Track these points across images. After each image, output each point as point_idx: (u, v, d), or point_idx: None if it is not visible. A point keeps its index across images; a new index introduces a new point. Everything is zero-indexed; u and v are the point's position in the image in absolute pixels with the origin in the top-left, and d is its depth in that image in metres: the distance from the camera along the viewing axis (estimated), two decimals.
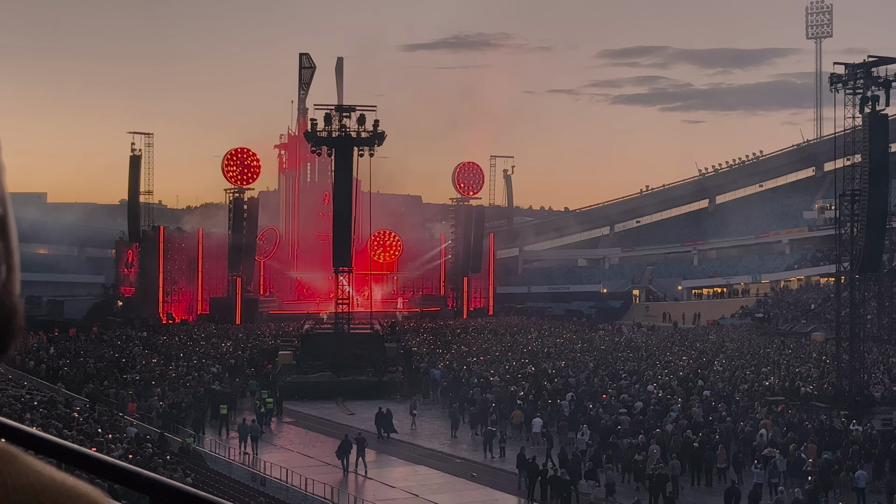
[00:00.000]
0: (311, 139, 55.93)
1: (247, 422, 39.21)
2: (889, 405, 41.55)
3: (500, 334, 69.70)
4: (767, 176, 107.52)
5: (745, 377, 49.03)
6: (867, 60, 41.49)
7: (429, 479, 33.85)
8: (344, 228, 54.10)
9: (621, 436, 35.46)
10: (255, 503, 28.35)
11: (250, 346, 59.74)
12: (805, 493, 28.21)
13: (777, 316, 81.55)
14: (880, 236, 42.98)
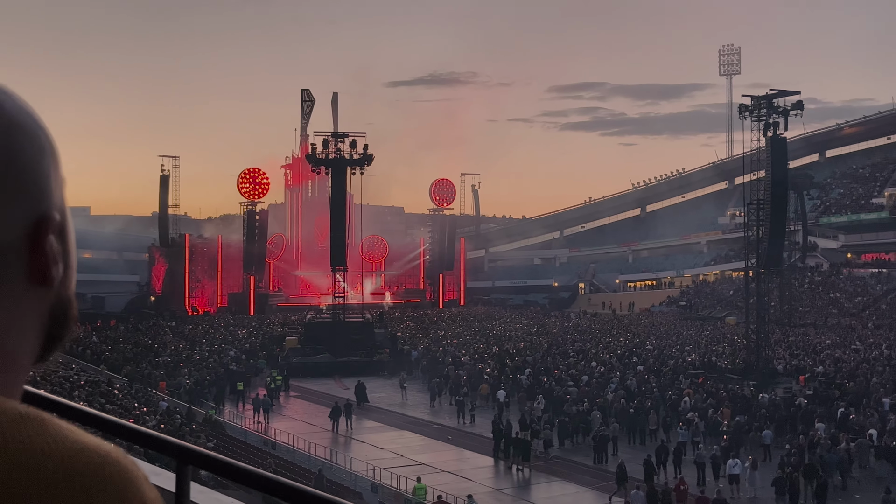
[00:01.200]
0: (311, 161, 55.91)
1: (259, 396, 39.23)
2: (789, 376, 41.92)
3: (470, 321, 69.86)
4: (689, 189, 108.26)
5: (671, 354, 49.35)
6: (769, 93, 41.88)
7: (412, 442, 33.87)
8: (339, 234, 54.10)
9: (570, 404, 35.59)
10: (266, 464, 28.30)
11: (262, 333, 59.62)
12: (721, 450, 28.37)
13: (697, 304, 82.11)
14: (781, 238, 43.46)
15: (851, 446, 28.43)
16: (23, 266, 0.73)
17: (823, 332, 60.67)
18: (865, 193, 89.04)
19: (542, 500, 26.38)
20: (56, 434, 0.67)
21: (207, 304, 78.92)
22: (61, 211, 0.79)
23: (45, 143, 0.76)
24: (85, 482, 0.65)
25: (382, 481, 27.34)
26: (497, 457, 30.82)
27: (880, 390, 37.02)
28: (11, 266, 0.72)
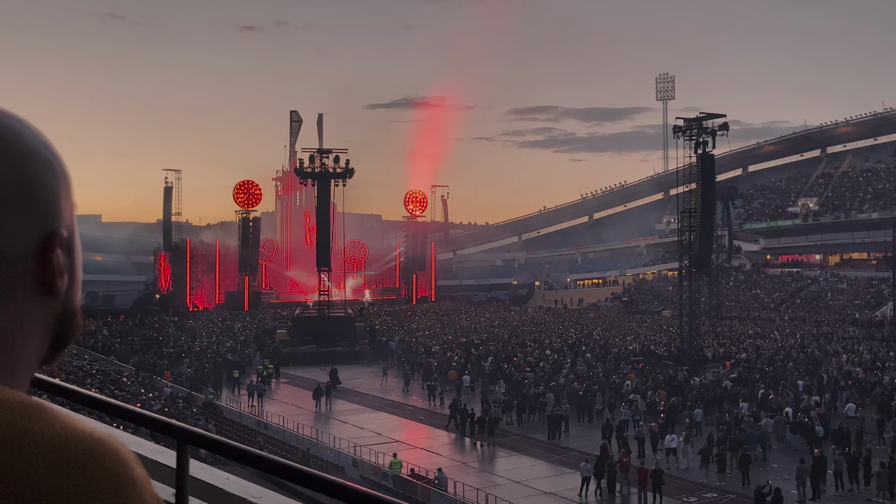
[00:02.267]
0: (299, 174, 55.61)
1: (253, 382, 38.85)
2: (717, 362, 42.17)
3: (440, 315, 69.77)
4: (630, 199, 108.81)
5: (615, 343, 49.60)
6: (699, 116, 42.01)
7: (389, 422, 33.78)
8: (324, 239, 53.86)
9: (528, 387, 35.68)
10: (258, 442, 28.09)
11: (255, 326, 59.10)
12: (659, 427, 28.60)
13: (637, 299, 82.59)
14: (709, 242, 43.79)
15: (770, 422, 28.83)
16: (32, 277, 0.73)
17: (746, 324, 61.31)
18: (782, 203, 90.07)
19: (503, 471, 26.42)
20: (53, 420, 0.67)
21: (206, 301, 78.16)
22: (69, 229, 0.79)
23: (58, 169, 0.77)
24: (79, 462, 0.65)
25: (362, 457, 27.27)
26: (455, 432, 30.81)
27: (795, 374, 37.54)
28: (21, 276, 0.72)
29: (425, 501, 23.24)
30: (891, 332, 51.32)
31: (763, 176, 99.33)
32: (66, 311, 0.78)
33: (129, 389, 30.66)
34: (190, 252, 78.38)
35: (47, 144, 0.77)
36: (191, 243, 79.56)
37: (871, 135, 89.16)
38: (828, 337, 51.29)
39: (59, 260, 0.75)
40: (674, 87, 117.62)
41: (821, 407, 30.82)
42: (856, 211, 79.41)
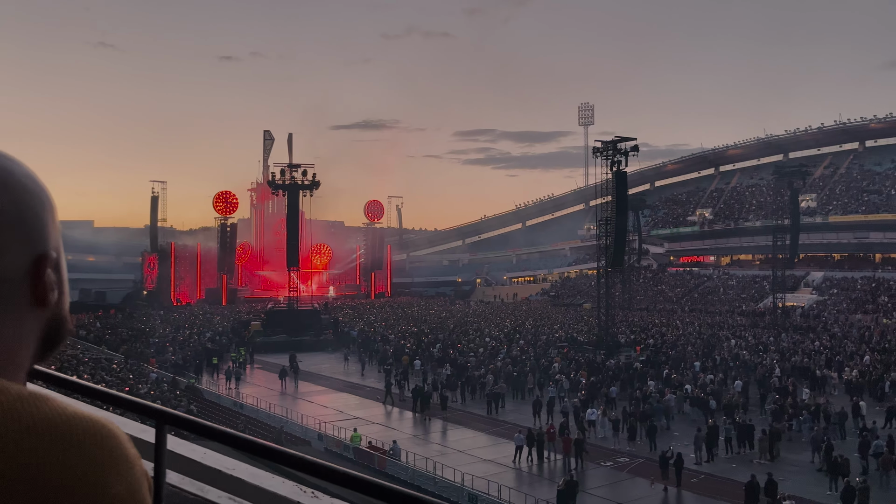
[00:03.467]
0: (271, 185, 54.79)
1: (230, 368, 38.12)
2: (629, 347, 42.52)
3: (395, 308, 69.50)
4: (556, 209, 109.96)
5: (544, 331, 50.03)
6: (614, 139, 42.29)
7: (350, 401, 33.48)
8: (293, 242, 53.09)
9: (470, 370, 35.76)
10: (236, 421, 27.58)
11: (232, 319, 57.97)
12: (581, 402, 28.94)
13: (563, 294, 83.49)
14: (622, 245, 44.24)
15: (673, 397, 29.41)
16: (27, 293, 0.76)
17: (653, 315, 62.45)
18: (682, 213, 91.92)
19: (449, 442, 26.44)
20: (55, 405, 0.69)
21: (189, 297, 76.53)
22: (57, 250, 0.81)
23: (45, 199, 0.79)
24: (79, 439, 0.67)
25: (327, 432, 26.98)
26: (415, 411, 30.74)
27: (693, 356, 38.28)
28: (20, 293, 0.75)
29: (382, 469, 23.13)
30: (771, 321, 52.85)
31: (667, 190, 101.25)
32: (57, 319, 0.81)
33: (119, 375, 29.79)
34: (174, 254, 76.76)
35: (34, 178, 0.79)
36: (175, 246, 77.92)
37: (756, 156, 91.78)
38: (720, 325, 52.52)
39: (50, 277, 0.79)
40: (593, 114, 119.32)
41: (714, 384, 31.58)
42: (743, 220, 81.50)
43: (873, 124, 78.42)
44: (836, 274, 66.23)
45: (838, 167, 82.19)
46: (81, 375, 24.92)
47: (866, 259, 69.42)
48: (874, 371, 33.23)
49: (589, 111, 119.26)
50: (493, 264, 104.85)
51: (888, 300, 57.28)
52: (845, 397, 29.54)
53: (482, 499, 19.83)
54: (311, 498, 1.94)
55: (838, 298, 60.62)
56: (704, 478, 21.70)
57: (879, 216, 68.98)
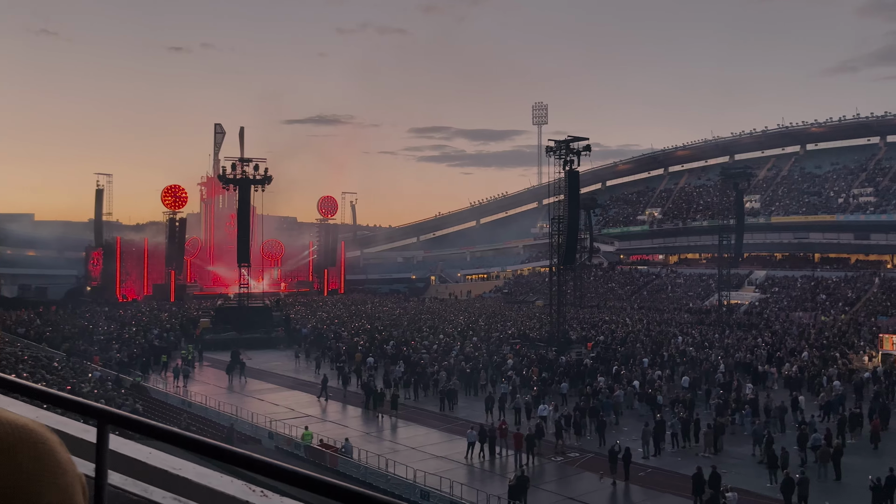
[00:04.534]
0: (222, 180, 53.62)
1: (179, 365, 37.30)
2: (580, 343, 43.22)
3: (348, 305, 69.02)
4: (510, 207, 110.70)
5: (497, 328, 50.40)
6: (567, 139, 42.60)
7: (301, 399, 33.13)
8: (244, 238, 52.14)
9: (424, 367, 35.76)
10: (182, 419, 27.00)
11: (181, 316, 56.71)
12: (532, 398, 29.23)
13: (516, 291, 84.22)
14: (574, 243, 44.60)
15: (622, 393, 29.96)
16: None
17: (603, 312, 63.50)
18: (633, 212, 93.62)
19: (401, 439, 26.41)
20: None
21: (136, 293, 74.54)
22: None
23: None
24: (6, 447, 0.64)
25: (277, 430, 26.63)
26: (367, 407, 30.58)
27: (641, 353, 39.07)
28: None
29: (333, 467, 22.95)
30: (716, 318, 54.33)
31: (618, 189, 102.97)
32: None
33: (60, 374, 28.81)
34: (120, 249, 74.67)
35: None
36: (121, 241, 75.83)
37: (703, 157, 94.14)
38: (668, 322, 53.72)
39: None
40: (547, 113, 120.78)
41: (662, 380, 32.33)
42: (690, 219, 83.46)
43: (814, 128, 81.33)
44: (777, 273, 68.50)
45: (781, 169, 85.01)
46: (20, 374, 24.02)
47: (806, 259, 71.98)
48: (812, 367, 34.49)
49: (543, 110, 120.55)
50: (447, 262, 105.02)
51: (826, 298, 59.54)
52: (785, 392, 30.61)
53: (434, 495, 19.87)
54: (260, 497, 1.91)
55: (779, 296, 62.71)
56: (651, 471, 22.20)
57: (818, 217, 71.62)
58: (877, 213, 68.18)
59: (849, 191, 73.42)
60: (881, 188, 71.53)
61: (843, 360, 36.31)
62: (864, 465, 21.34)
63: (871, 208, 69.26)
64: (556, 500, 19.98)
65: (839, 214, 70.37)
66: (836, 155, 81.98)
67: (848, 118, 77.71)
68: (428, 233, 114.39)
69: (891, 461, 20.56)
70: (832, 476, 21.04)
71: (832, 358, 36.58)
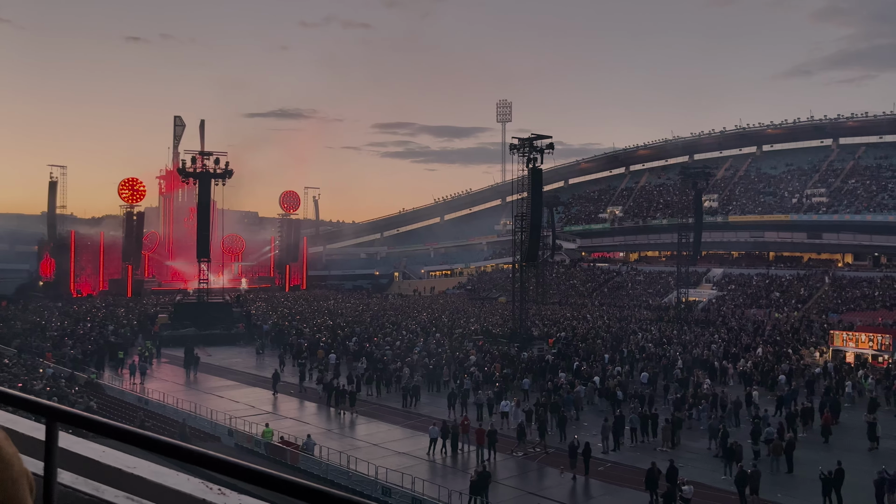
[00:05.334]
0: (181, 173, 52.58)
1: (136, 362, 36.51)
2: (542, 340, 43.50)
3: (310, 301, 68.42)
4: (474, 204, 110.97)
5: (460, 324, 50.54)
6: (531, 137, 42.75)
7: (262, 396, 32.75)
8: (204, 233, 51.24)
9: (386, 363, 35.66)
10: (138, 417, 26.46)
11: (138, 311, 55.54)
12: (494, 393, 29.38)
13: (479, 288, 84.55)
14: (537, 241, 44.88)
15: (583, 389, 30.31)
16: None
17: (565, 308, 64.20)
18: (594, 210, 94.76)
19: (363, 436, 26.31)
20: None
21: (91, 289, 72.70)
22: None
23: None
24: None
25: (237, 427, 26.29)
26: (328, 405, 30.36)
27: (602, 349, 39.62)
28: None
29: (294, 464, 22.76)
30: (675, 315, 55.34)
31: (580, 188, 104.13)
32: None
33: (11, 371, 28.00)
34: (74, 243, 72.68)
35: None
36: (75, 235, 73.82)
37: (663, 157, 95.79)
38: (628, 319, 54.51)
39: None
40: (511, 111, 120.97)
41: (622, 376, 32.80)
42: (650, 218, 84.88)
43: (770, 130, 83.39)
44: (734, 271, 70.10)
45: (738, 169, 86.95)
46: None
47: (761, 257, 73.82)
48: (766, 363, 35.40)
49: (507, 108, 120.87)
50: (411, 258, 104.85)
51: (780, 296, 61.16)
52: (740, 387, 31.37)
53: (396, 492, 19.85)
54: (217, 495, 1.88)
55: (735, 294, 64.19)
56: (611, 466, 22.53)
57: (773, 217, 73.50)
58: (829, 213, 70.27)
59: (802, 191, 75.49)
60: (833, 189, 73.73)
61: (796, 356, 37.36)
62: (814, 458, 22.01)
63: (824, 208, 71.34)
64: (517, 495, 20.15)
65: (793, 214, 72.32)
66: (791, 156, 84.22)
67: (802, 120, 79.96)
68: (392, 229, 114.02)
69: (840, 454, 21.27)
70: (784, 469, 21.64)
71: (785, 354, 37.59)
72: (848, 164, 77.37)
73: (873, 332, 38.10)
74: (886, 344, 36.16)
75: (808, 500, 19.08)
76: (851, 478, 19.06)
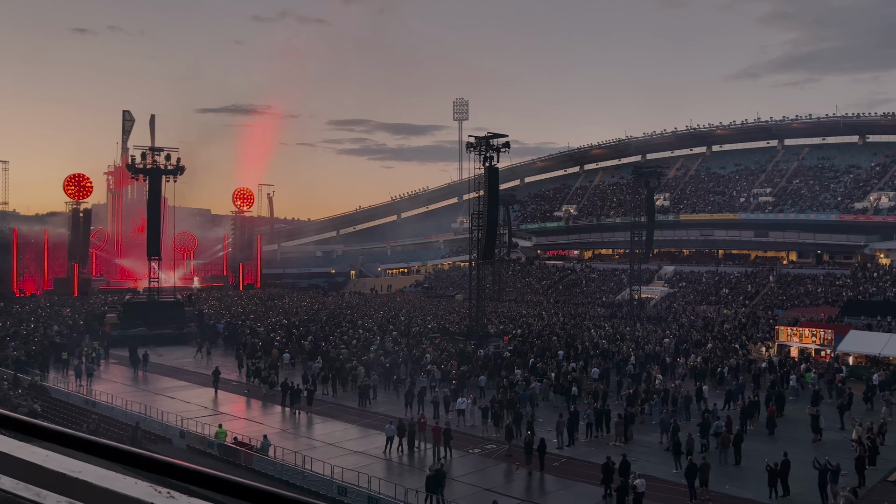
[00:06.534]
0: (131, 170, 51.14)
1: (82, 364, 35.44)
2: (498, 337, 43.72)
3: (265, 300, 67.53)
4: (431, 202, 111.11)
5: (417, 322, 50.52)
6: (487, 136, 42.92)
7: (217, 397, 32.18)
8: (155, 230, 49.98)
9: (343, 363, 35.37)
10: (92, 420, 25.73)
11: (85, 311, 53.92)
12: (451, 391, 29.44)
13: (436, 286, 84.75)
14: (493, 238, 45.05)
15: (539, 385, 30.61)
16: None
17: (521, 305, 64.80)
18: (550, 208, 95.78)
19: (319, 435, 26.07)
20: None
21: (35, 288, 70.32)
22: None
23: None
24: None
25: (190, 429, 25.76)
26: (284, 405, 30.00)
27: (557, 345, 40.07)
28: None
29: (248, 465, 22.43)
30: (628, 312, 56.38)
31: (536, 186, 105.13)
32: None
33: None
34: (17, 240, 70.12)
35: None
36: (17, 232, 71.22)
37: (616, 156, 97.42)
38: (582, 316, 55.35)
39: None
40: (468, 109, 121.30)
41: (576, 372, 33.25)
42: (604, 216, 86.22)
43: (719, 130, 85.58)
44: (684, 268, 71.78)
45: (689, 169, 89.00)
46: None
47: (711, 255, 75.74)
48: (715, 358, 36.34)
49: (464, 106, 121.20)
50: (367, 256, 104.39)
51: (728, 292, 62.87)
52: (691, 382, 32.12)
53: (352, 491, 19.74)
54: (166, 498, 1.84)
55: (686, 291, 65.75)
56: (566, 461, 22.82)
57: (722, 216, 75.49)
58: (774, 212, 72.51)
59: (750, 191, 77.73)
60: (779, 189, 76.11)
61: (743, 351, 38.46)
62: (761, 449, 22.70)
63: (770, 207, 73.58)
64: (473, 491, 20.25)
65: (741, 213, 74.43)
66: (740, 156, 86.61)
67: (750, 122, 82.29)
68: (348, 227, 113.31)
69: (785, 446, 21.97)
70: (732, 461, 22.26)
71: (733, 349, 38.65)
72: (793, 164, 79.97)
73: (816, 328, 39.46)
74: (829, 339, 37.47)
75: (755, 490, 19.68)
76: (796, 469, 19.71)
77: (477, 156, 42.80)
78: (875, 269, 59.97)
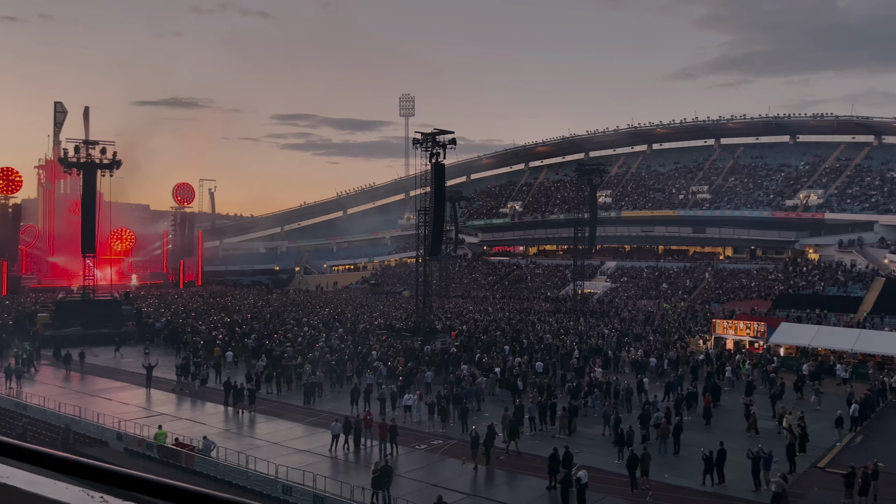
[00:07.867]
0: (63, 163, 49.24)
1: (11, 365, 33.94)
2: (445, 333, 44.08)
3: (206, 298, 65.99)
4: (377, 198, 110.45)
5: (363, 319, 50.21)
6: (433, 132, 42.88)
7: (155, 397, 31.29)
8: (90, 226, 48.21)
9: (287, 360, 34.89)
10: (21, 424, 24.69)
11: (14, 310, 51.65)
12: (398, 387, 29.40)
13: (383, 282, 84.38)
14: (440, 235, 45.10)
15: (485, 380, 30.86)
16: None
17: (468, 301, 65.12)
18: (496, 205, 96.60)
19: (262, 434, 25.66)
20: None
21: None
22: None
23: None
24: None
25: (128, 431, 24.99)
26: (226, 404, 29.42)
27: (503, 340, 40.47)
28: None
29: (189, 467, 21.91)
30: (571, 307, 57.34)
31: (482, 183, 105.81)
32: None
33: None
34: None
35: None
36: None
37: (561, 154, 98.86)
38: (527, 311, 55.98)
39: None
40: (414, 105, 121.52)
41: (522, 366, 33.64)
42: (549, 213, 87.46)
43: (659, 129, 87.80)
44: (626, 264, 73.44)
45: (630, 167, 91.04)
46: None
47: (651, 250, 77.72)
48: (655, 351, 37.33)
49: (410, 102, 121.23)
50: (313, 252, 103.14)
51: (668, 287, 64.63)
52: (632, 374, 32.91)
53: (297, 490, 19.52)
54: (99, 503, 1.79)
55: (628, 286, 67.29)
56: (511, 455, 23.07)
57: (662, 212, 77.54)
58: (711, 209, 74.88)
59: (688, 188, 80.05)
60: (715, 186, 78.62)
61: (682, 344, 39.62)
62: (698, 439, 23.45)
63: (707, 204, 75.96)
64: (419, 487, 20.28)
65: (680, 210, 76.60)
66: (678, 154, 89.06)
67: (688, 121, 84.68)
68: (293, 223, 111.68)
69: (721, 435, 22.75)
70: (672, 450, 22.93)
71: (672, 342, 39.78)
72: (728, 162, 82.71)
73: (750, 321, 40.96)
74: (762, 331, 38.96)
75: (692, 478, 20.32)
76: (731, 456, 20.44)
77: (423, 152, 42.69)
78: (805, 264, 62.59)
